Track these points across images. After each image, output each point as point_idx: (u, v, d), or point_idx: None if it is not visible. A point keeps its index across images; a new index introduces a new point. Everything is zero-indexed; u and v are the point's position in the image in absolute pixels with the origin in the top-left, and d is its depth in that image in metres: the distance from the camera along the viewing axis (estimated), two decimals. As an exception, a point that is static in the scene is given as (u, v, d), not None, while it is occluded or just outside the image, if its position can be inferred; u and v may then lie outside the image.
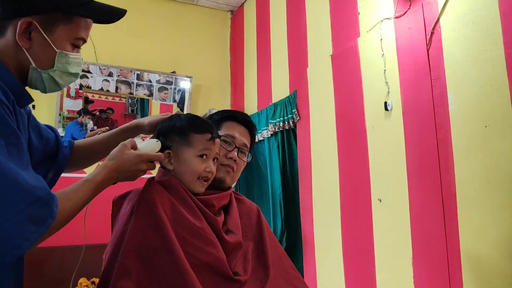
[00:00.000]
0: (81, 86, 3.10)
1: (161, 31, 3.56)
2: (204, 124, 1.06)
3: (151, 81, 3.35)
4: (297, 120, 2.61)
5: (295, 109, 2.62)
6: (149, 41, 3.49)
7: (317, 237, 2.36)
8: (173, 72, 3.45)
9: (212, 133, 1.04)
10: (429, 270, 1.61)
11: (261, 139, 2.96)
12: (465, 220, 1.48)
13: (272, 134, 2.83)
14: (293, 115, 2.62)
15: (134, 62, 3.34)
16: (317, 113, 2.43)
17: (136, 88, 3.29)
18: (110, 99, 3.21)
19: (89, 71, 3.12)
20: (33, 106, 2.65)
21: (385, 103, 1.86)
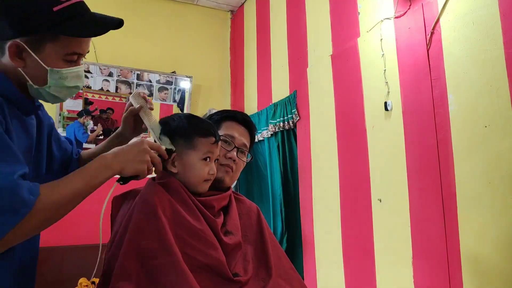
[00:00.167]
0: (81, 86, 3.10)
1: (161, 31, 3.56)
2: (208, 127, 1.06)
3: (151, 81, 3.35)
4: (297, 120, 2.61)
5: (295, 109, 2.62)
6: (149, 41, 3.48)
7: (317, 237, 2.36)
8: (173, 72, 3.45)
9: (215, 136, 1.05)
10: (429, 270, 1.61)
11: (261, 139, 2.96)
12: (465, 220, 1.48)
13: (272, 134, 2.83)
14: (293, 115, 2.62)
15: (134, 62, 3.34)
16: (317, 113, 2.43)
17: (136, 88, 3.29)
18: (110, 99, 3.21)
19: (89, 71, 3.13)
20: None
21: (385, 103, 1.86)
